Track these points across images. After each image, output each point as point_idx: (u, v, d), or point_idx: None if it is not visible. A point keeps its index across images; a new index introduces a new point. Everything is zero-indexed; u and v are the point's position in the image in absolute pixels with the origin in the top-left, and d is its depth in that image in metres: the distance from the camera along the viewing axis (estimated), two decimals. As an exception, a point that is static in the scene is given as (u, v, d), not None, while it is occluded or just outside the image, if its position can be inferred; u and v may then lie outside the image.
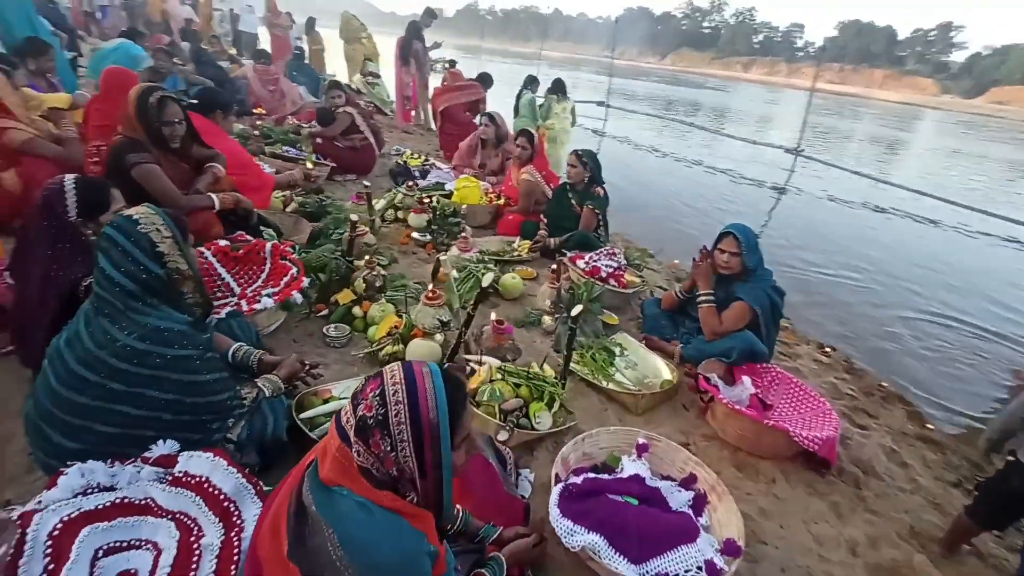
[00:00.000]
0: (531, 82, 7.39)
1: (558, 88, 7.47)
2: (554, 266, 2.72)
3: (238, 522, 1.30)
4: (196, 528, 1.29)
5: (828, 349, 3.43)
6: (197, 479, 1.36)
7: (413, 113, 8.46)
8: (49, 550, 1.14)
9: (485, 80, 6.95)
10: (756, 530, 1.86)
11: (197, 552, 1.23)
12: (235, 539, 1.26)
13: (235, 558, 1.22)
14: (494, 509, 1.56)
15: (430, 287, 2.44)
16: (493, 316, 2.49)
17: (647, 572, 1.43)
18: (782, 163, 10.94)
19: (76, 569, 1.14)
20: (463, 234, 3.44)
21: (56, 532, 1.17)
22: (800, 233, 6.53)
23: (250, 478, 1.40)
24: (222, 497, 1.33)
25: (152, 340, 1.42)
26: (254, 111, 6.20)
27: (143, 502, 1.33)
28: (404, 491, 1.04)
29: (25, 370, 1.86)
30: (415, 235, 3.61)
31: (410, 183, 4.06)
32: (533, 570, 1.51)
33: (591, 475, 1.73)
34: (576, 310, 2.06)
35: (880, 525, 1.98)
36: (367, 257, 2.72)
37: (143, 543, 1.27)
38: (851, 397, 2.86)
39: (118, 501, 1.31)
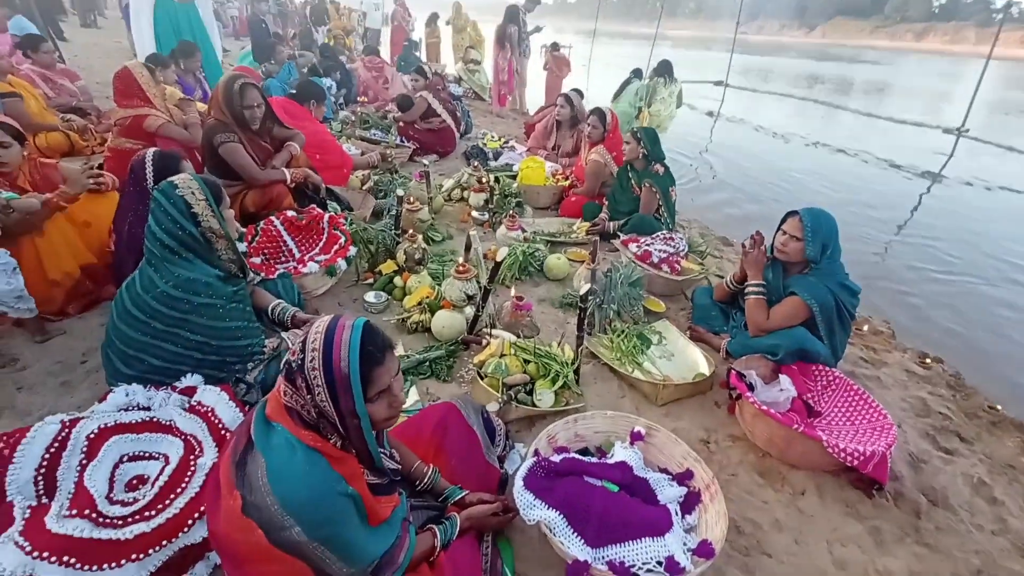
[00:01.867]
0: (638, 74, 7.17)
1: (664, 70, 7.10)
2: (591, 248, 2.63)
3: (230, 448, 1.49)
4: (199, 449, 1.51)
5: (929, 360, 2.89)
6: (206, 409, 1.59)
7: (509, 98, 8.58)
8: (85, 447, 1.42)
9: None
10: (762, 541, 1.67)
11: (192, 468, 1.44)
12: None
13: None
14: (469, 475, 1.60)
15: (460, 261, 2.51)
16: (513, 292, 2.49)
17: (601, 557, 1.37)
18: (943, 147, 9.23)
19: (100, 467, 1.41)
20: (511, 213, 3.46)
21: (92, 435, 1.45)
22: (950, 230, 5.48)
23: (247, 413, 1.59)
24: (221, 426, 1.54)
25: (183, 288, 1.68)
26: (359, 99, 6.75)
27: (168, 423, 1.59)
28: (326, 433, 1.12)
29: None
30: (474, 214, 3.71)
31: (475, 163, 4.16)
32: (494, 535, 1.53)
33: (574, 456, 1.68)
34: (583, 289, 1.98)
35: (931, 561, 1.67)
36: (410, 231, 2.87)
37: (160, 456, 1.52)
38: (942, 416, 2.39)
39: (148, 420, 1.57)
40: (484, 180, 3.74)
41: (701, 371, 2.34)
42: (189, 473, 1.43)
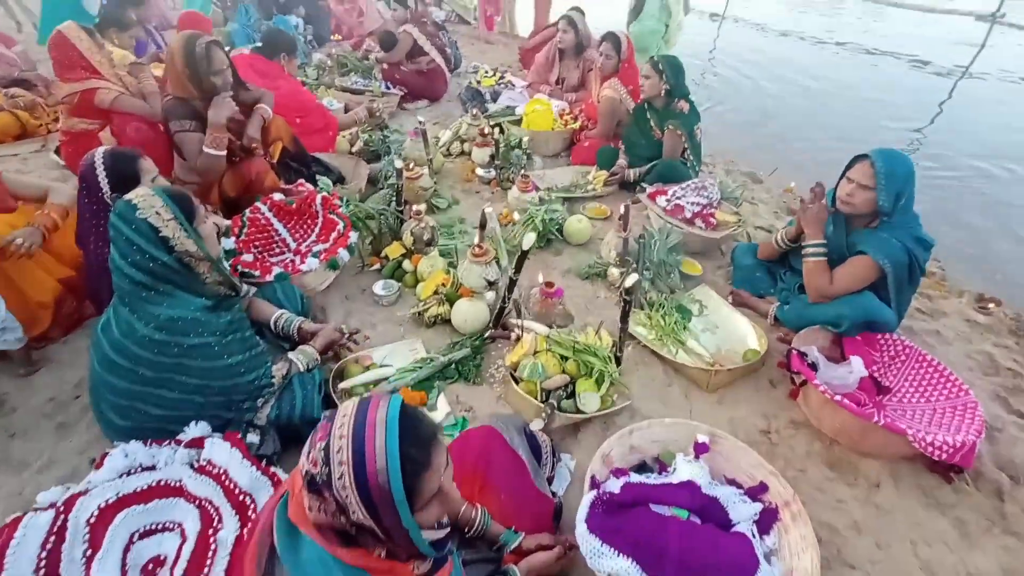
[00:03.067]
0: None
1: None
2: (622, 211, 2.32)
3: (252, 516, 1.32)
4: (217, 519, 1.33)
5: (991, 304, 2.67)
6: (218, 469, 1.39)
7: (497, 19, 7.72)
8: (87, 536, 1.25)
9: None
10: (842, 549, 1.55)
11: (213, 546, 1.27)
12: (247, 534, 1.28)
13: (246, 554, 1.24)
14: (520, 509, 1.43)
15: (476, 241, 2.22)
16: (541, 278, 2.23)
17: (683, 609, 1.24)
18: (974, 37, 8.45)
19: (108, 559, 1.23)
20: (523, 172, 3.09)
21: (92, 519, 1.26)
22: (979, 135, 5.05)
23: (265, 470, 1.41)
24: (238, 491, 1.36)
25: (168, 330, 1.42)
26: (332, 37, 6.04)
27: (177, 484, 1.40)
28: (369, 546, 0.92)
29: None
30: (479, 171, 3.34)
31: (475, 111, 3.71)
32: (556, 579, 1.39)
33: (633, 479, 1.51)
34: (630, 281, 1.72)
35: (1022, 553, 1.55)
36: (414, 207, 2.54)
37: (175, 526, 1.35)
38: (1013, 373, 2.21)
39: (155, 484, 1.39)
40: (487, 133, 3.33)
41: (752, 347, 2.13)
42: (211, 552, 1.26)
